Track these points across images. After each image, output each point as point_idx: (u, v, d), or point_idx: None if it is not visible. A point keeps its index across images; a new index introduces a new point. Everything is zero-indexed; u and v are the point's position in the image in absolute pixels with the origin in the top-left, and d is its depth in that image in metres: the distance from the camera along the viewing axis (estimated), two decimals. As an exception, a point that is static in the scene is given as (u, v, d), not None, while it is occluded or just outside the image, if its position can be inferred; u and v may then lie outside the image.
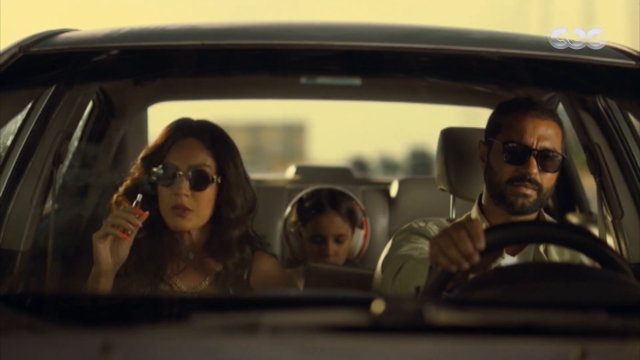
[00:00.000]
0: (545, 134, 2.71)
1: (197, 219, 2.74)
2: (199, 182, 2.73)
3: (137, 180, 2.77)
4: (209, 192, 2.75)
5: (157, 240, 2.76)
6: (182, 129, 2.79)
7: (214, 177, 2.75)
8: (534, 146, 2.70)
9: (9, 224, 3.06)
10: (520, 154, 2.71)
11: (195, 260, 2.79)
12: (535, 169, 2.69)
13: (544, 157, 2.71)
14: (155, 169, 2.75)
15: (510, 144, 2.72)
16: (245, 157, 2.91)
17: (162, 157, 2.76)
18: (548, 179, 2.72)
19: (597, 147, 3.17)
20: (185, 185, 2.72)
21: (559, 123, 2.77)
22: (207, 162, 2.75)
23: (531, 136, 2.71)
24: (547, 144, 2.71)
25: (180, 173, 2.73)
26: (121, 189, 2.79)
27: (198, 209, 2.74)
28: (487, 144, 2.80)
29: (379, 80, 3.86)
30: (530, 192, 2.70)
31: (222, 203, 2.77)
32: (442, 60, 2.51)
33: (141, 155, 2.82)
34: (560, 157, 2.73)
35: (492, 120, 2.82)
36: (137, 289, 2.70)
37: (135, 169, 2.81)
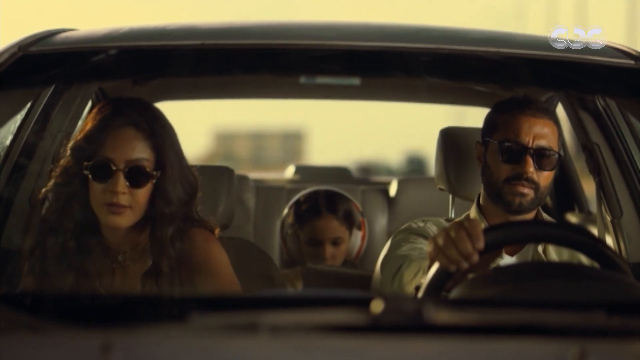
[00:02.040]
0: (541, 133, 2.72)
1: (133, 216, 2.50)
2: (137, 178, 2.49)
3: (68, 174, 2.53)
4: (147, 188, 2.50)
5: (84, 237, 2.53)
6: (117, 116, 2.51)
7: (154, 172, 2.50)
8: (530, 145, 2.71)
9: (8, 223, 3.06)
10: (517, 153, 2.71)
11: (125, 263, 2.57)
12: (531, 168, 2.70)
13: (540, 156, 2.71)
14: (87, 163, 2.49)
15: (506, 143, 2.72)
16: (248, 162, 2.81)
17: (96, 149, 2.49)
18: (545, 177, 2.72)
19: (597, 147, 3.18)
20: (122, 182, 2.46)
21: (555, 121, 2.78)
22: (146, 156, 2.50)
23: (527, 135, 2.71)
24: (543, 143, 2.71)
25: (116, 169, 2.47)
26: (50, 184, 2.56)
27: (135, 205, 2.49)
28: (484, 144, 2.80)
29: (379, 80, 3.86)
30: (527, 190, 2.70)
31: (157, 198, 2.52)
32: (442, 59, 2.51)
33: (70, 144, 2.54)
34: (556, 156, 2.73)
35: (488, 120, 2.83)
36: (57, 287, 2.50)
37: (65, 161, 2.54)
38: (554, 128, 2.76)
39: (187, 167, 2.59)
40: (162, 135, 2.53)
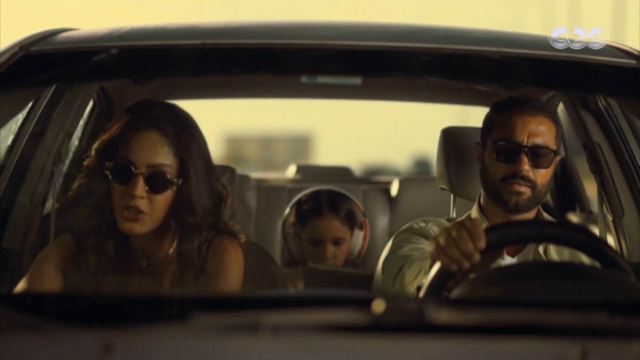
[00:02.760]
0: (536, 130, 2.71)
1: (150, 223, 2.44)
2: (157, 184, 2.43)
3: (91, 174, 2.48)
4: (167, 195, 2.45)
5: (108, 240, 2.47)
6: (144, 119, 2.47)
7: (175, 180, 2.45)
8: (525, 143, 2.70)
9: (9, 223, 3.06)
10: (512, 151, 2.71)
11: (149, 268, 2.51)
12: (526, 166, 2.69)
13: (536, 154, 2.71)
14: (108, 163, 2.45)
15: (500, 143, 2.73)
16: (257, 165, 2.77)
17: (118, 150, 2.45)
18: (542, 175, 2.72)
19: (598, 147, 3.18)
20: (141, 186, 2.41)
21: (553, 119, 2.77)
22: (169, 162, 2.45)
23: (521, 133, 2.71)
24: (538, 140, 2.71)
25: (137, 172, 2.43)
26: (75, 186, 2.51)
27: (153, 212, 2.43)
28: (482, 144, 2.81)
29: (380, 80, 3.86)
30: (524, 189, 2.70)
31: (181, 208, 2.47)
32: (443, 59, 2.51)
33: (95, 145, 2.50)
34: (552, 153, 2.73)
35: (486, 120, 2.83)
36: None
37: (89, 161, 2.50)
38: (551, 126, 2.75)
39: (215, 175, 2.54)
40: (188, 143, 2.47)
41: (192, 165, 2.47)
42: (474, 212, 2.82)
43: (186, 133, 2.49)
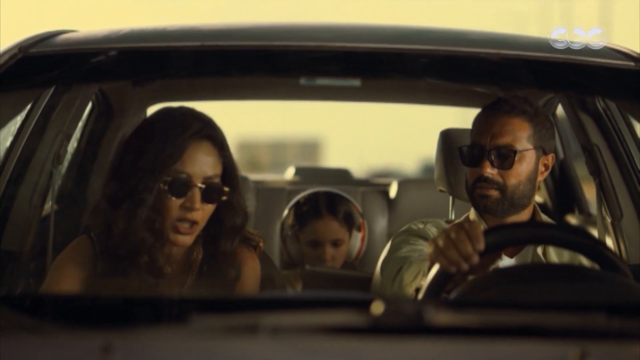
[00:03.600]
0: (500, 131, 2.69)
1: (197, 233, 2.44)
2: (212, 195, 2.41)
3: (139, 188, 2.39)
4: (215, 204, 2.43)
5: (141, 255, 2.41)
6: (196, 128, 2.42)
7: (225, 189, 2.43)
8: (487, 145, 2.69)
9: (9, 225, 3.06)
10: (477, 155, 2.71)
11: (170, 276, 2.47)
12: (488, 169, 2.68)
13: (498, 155, 2.69)
14: (166, 178, 2.38)
15: (466, 147, 2.73)
16: (269, 169, 2.73)
17: (173, 162, 2.39)
18: (513, 176, 2.69)
19: (597, 148, 3.18)
20: (198, 198, 2.38)
21: (527, 118, 2.71)
22: (218, 172, 2.43)
23: (485, 135, 2.70)
24: (501, 141, 2.68)
25: (194, 184, 2.39)
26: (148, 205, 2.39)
27: (201, 222, 2.42)
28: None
29: (379, 82, 3.86)
30: (491, 192, 2.69)
31: (226, 211, 2.45)
32: (442, 61, 2.51)
33: (146, 162, 2.40)
34: (516, 152, 2.67)
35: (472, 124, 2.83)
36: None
37: (137, 177, 2.39)
38: (523, 125, 2.70)
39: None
40: (229, 149, 2.46)
41: (234, 170, 2.47)
42: (473, 214, 2.82)
43: (226, 144, 2.47)
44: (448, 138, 3.07)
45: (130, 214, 2.38)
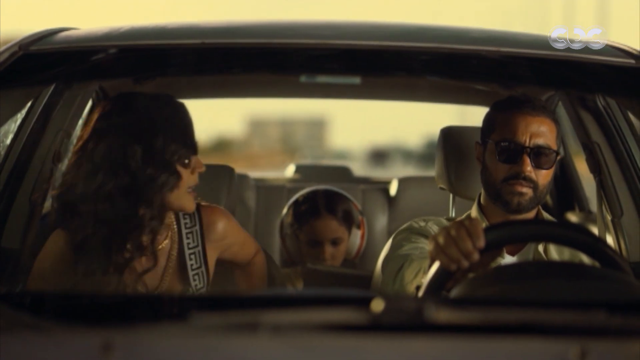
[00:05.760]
0: (538, 131, 2.71)
1: None
2: None
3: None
4: None
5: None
6: None
7: None
8: (527, 144, 2.70)
9: (9, 222, 3.06)
10: (514, 152, 2.71)
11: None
12: (529, 167, 2.69)
13: (538, 154, 2.71)
14: None
15: (503, 143, 2.72)
16: (278, 145, 2.77)
17: None
18: (543, 176, 2.72)
19: (597, 146, 3.18)
20: None
21: (553, 119, 2.77)
22: None
23: (524, 134, 2.71)
24: (540, 141, 2.71)
25: None
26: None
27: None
28: (483, 144, 2.80)
29: (379, 79, 3.86)
30: (526, 190, 2.70)
31: None
32: (442, 59, 2.51)
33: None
34: (554, 154, 2.73)
35: (486, 120, 2.83)
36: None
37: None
38: (552, 126, 2.75)
39: None
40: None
41: None
42: (474, 212, 2.82)
43: None
44: (449, 136, 3.06)
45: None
